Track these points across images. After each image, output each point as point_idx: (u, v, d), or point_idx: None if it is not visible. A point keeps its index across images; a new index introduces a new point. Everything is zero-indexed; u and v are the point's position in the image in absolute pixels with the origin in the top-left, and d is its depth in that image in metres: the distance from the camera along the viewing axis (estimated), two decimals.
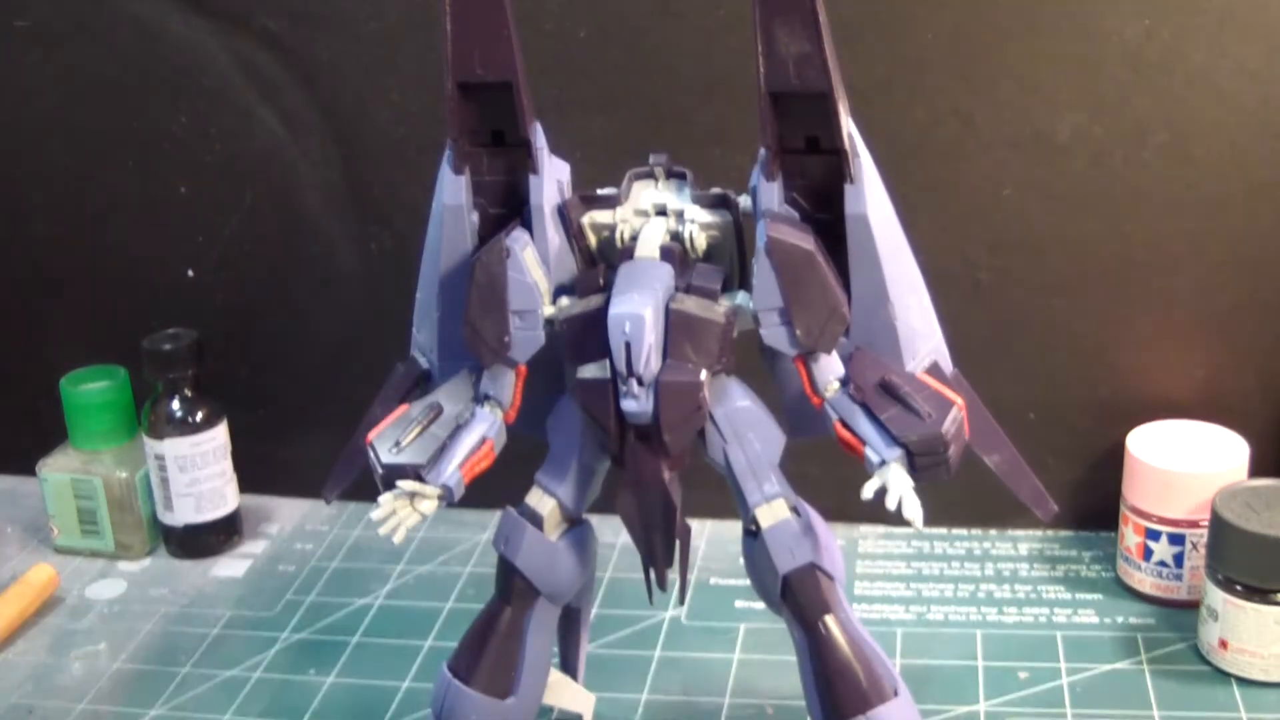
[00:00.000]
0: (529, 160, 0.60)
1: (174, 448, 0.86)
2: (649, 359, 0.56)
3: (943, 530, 0.88)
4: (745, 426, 0.61)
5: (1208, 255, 0.80)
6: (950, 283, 0.81)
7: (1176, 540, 0.77)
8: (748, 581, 0.63)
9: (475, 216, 0.62)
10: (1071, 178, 0.80)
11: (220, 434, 0.87)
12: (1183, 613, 0.77)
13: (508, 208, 0.61)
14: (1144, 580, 0.79)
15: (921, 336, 0.61)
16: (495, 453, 0.61)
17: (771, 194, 0.59)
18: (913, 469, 0.56)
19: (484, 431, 0.61)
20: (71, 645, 0.80)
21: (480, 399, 0.62)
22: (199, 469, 0.87)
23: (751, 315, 0.59)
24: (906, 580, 0.83)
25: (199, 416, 0.86)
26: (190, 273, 0.92)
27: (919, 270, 0.61)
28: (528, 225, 0.61)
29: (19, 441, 0.96)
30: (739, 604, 0.81)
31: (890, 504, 0.56)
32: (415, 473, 0.60)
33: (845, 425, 0.58)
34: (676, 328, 0.57)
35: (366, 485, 0.63)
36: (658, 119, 0.82)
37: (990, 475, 0.62)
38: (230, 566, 0.88)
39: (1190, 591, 0.78)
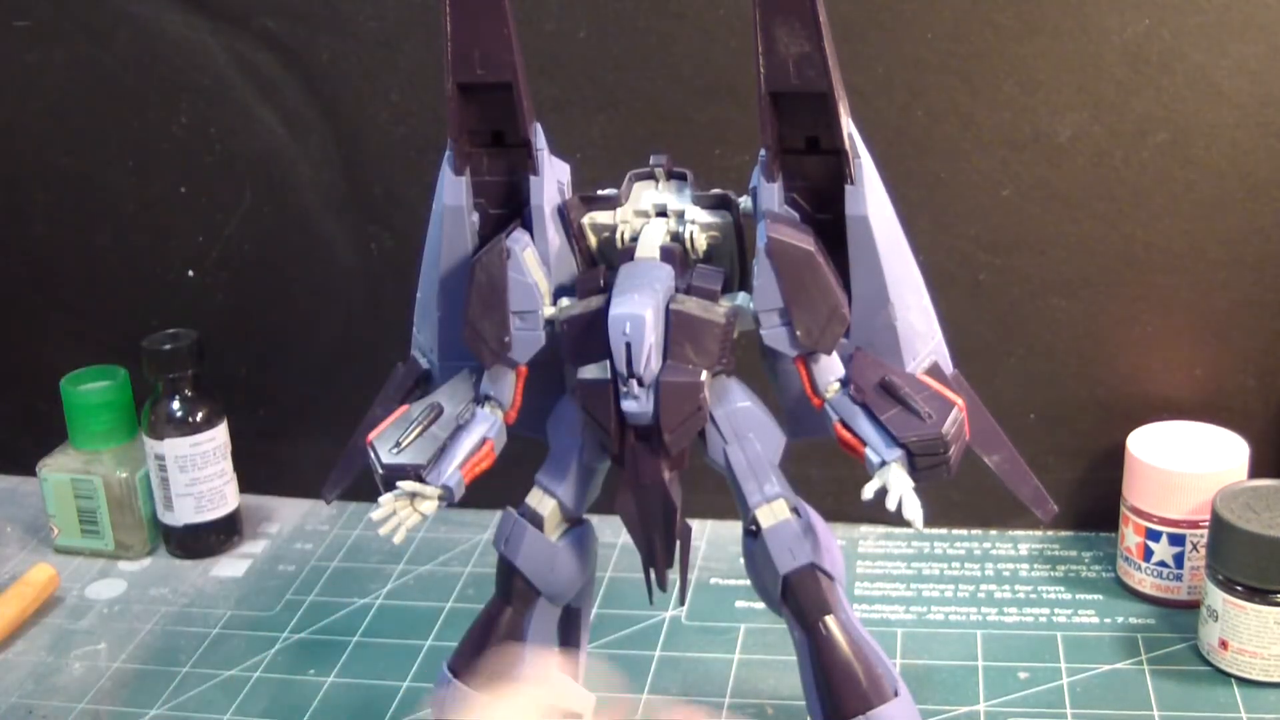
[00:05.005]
0: (529, 161, 0.60)
1: (174, 448, 0.86)
2: (649, 359, 0.56)
3: (943, 530, 0.88)
4: (745, 427, 0.61)
5: (1208, 255, 0.80)
6: (950, 283, 0.81)
7: (1177, 540, 0.77)
8: (748, 581, 0.63)
9: (476, 217, 0.62)
10: (1071, 178, 0.80)
11: (220, 434, 0.87)
12: (1183, 613, 0.77)
13: (508, 208, 0.62)
14: (1144, 580, 0.79)
15: (922, 337, 0.61)
16: (495, 453, 0.61)
17: (772, 195, 0.59)
18: (913, 469, 0.56)
19: (484, 432, 0.61)
20: (71, 645, 0.80)
21: (481, 399, 0.62)
22: (199, 469, 0.87)
23: (752, 316, 0.59)
24: (906, 580, 0.83)
25: (199, 416, 0.86)
26: (190, 273, 0.92)
27: (919, 270, 0.61)
28: (528, 226, 0.61)
29: (19, 441, 0.97)
30: (739, 604, 0.81)
31: (890, 504, 0.56)
32: (415, 473, 0.60)
33: (845, 426, 0.58)
34: (677, 328, 0.57)
35: (366, 485, 0.63)
36: (658, 119, 0.82)
37: (990, 475, 0.62)
38: (230, 566, 0.88)
39: (1190, 592, 0.78)
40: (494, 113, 0.60)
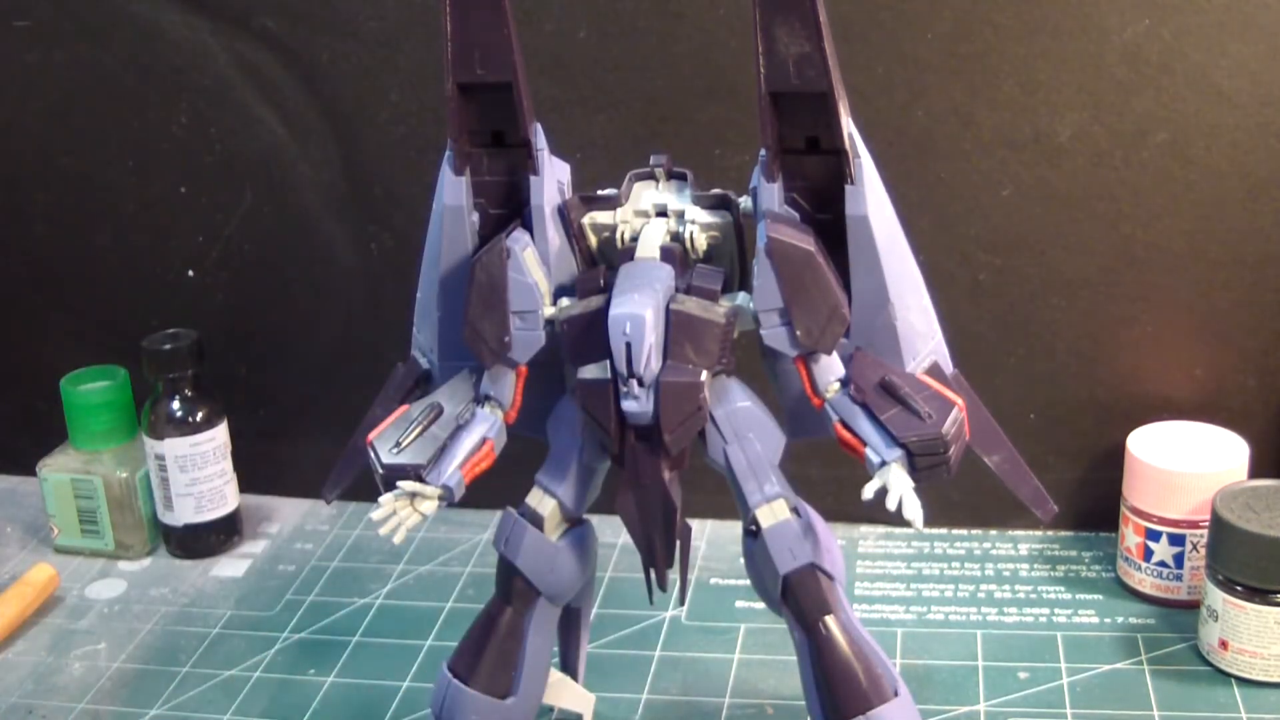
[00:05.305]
0: (529, 161, 0.60)
1: (174, 448, 0.86)
2: (649, 359, 0.56)
3: (943, 530, 0.88)
4: (745, 427, 0.61)
5: (1208, 255, 0.80)
6: (950, 283, 0.81)
7: (1177, 541, 0.77)
8: (748, 581, 0.63)
9: (476, 217, 0.62)
10: (1071, 178, 0.80)
11: (220, 434, 0.87)
12: (1183, 613, 0.77)
13: (508, 208, 0.62)
14: (1144, 580, 0.79)
15: (922, 337, 0.61)
16: (495, 453, 0.62)
17: (772, 195, 0.59)
18: (913, 470, 0.56)
19: (484, 432, 0.61)
20: (71, 645, 0.80)
21: (481, 399, 0.62)
22: (199, 469, 0.87)
23: (752, 316, 0.59)
24: (906, 580, 0.83)
25: (199, 416, 0.86)
26: (190, 273, 0.92)
27: (919, 270, 0.61)
28: (528, 226, 0.61)
29: (19, 441, 0.97)
30: (739, 604, 0.81)
31: (890, 504, 0.56)
32: (415, 473, 0.60)
33: (846, 426, 0.58)
34: (677, 328, 0.57)
35: (366, 485, 0.63)
36: (658, 119, 0.82)
37: (990, 475, 0.62)
38: (230, 566, 0.88)
39: (1190, 592, 0.78)
40: (494, 113, 0.60)
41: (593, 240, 0.62)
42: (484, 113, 0.60)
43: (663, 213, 0.61)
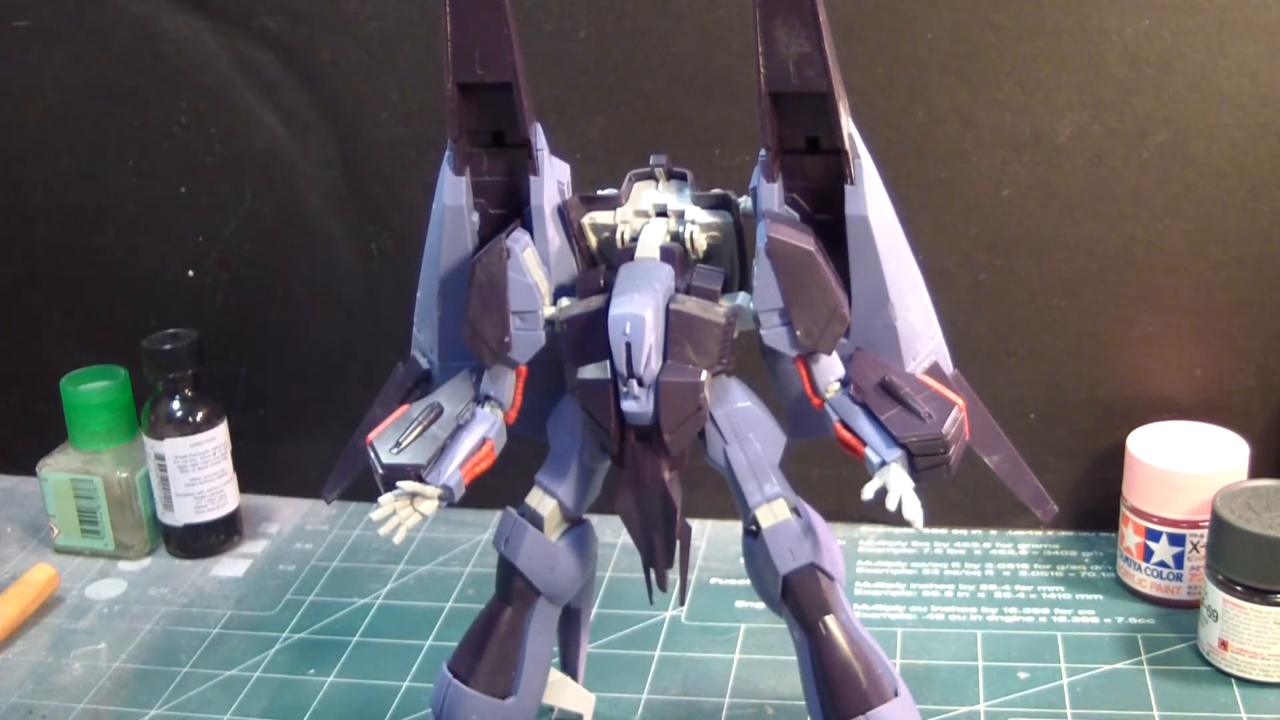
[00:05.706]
0: (529, 161, 0.60)
1: (174, 448, 0.86)
2: (649, 360, 0.56)
3: (943, 530, 0.88)
4: (746, 427, 0.61)
5: (1208, 255, 0.80)
6: (950, 283, 0.81)
7: (1177, 541, 0.77)
8: (748, 581, 0.63)
9: (476, 217, 0.62)
10: (1071, 178, 0.80)
11: (220, 434, 0.87)
12: (1183, 613, 0.77)
13: (508, 208, 0.62)
14: (1144, 580, 0.79)
15: (922, 337, 0.61)
16: (495, 453, 0.61)
17: (772, 195, 0.59)
18: (913, 470, 0.56)
19: (484, 432, 0.61)
20: (71, 645, 0.80)
21: (481, 399, 0.62)
22: (199, 469, 0.87)
23: (752, 316, 0.59)
24: (906, 580, 0.83)
25: (199, 416, 0.86)
26: (190, 273, 0.92)
27: (919, 271, 0.61)
28: (528, 226, 0.61)
29: (19, 441, 0.97)
30: (739, 604, 0.81)
31: (890, 505, 0.56)
32: (415, 473, 0.60)
33: (845, 426, 0.58)
34: (677, 328, 0.57)
35: (366, 485, 0.63)
36: (658, 119, 0.82)
37: (990, 475, 0.62)
38: (230, 566, 0.88)
39: (1190, 592, 0.78)
40: (494, 113, 0.60)
41: (593, 240, 0.62)
42: (484, 113, 0.60)
43: (663, 213, 0.61)
